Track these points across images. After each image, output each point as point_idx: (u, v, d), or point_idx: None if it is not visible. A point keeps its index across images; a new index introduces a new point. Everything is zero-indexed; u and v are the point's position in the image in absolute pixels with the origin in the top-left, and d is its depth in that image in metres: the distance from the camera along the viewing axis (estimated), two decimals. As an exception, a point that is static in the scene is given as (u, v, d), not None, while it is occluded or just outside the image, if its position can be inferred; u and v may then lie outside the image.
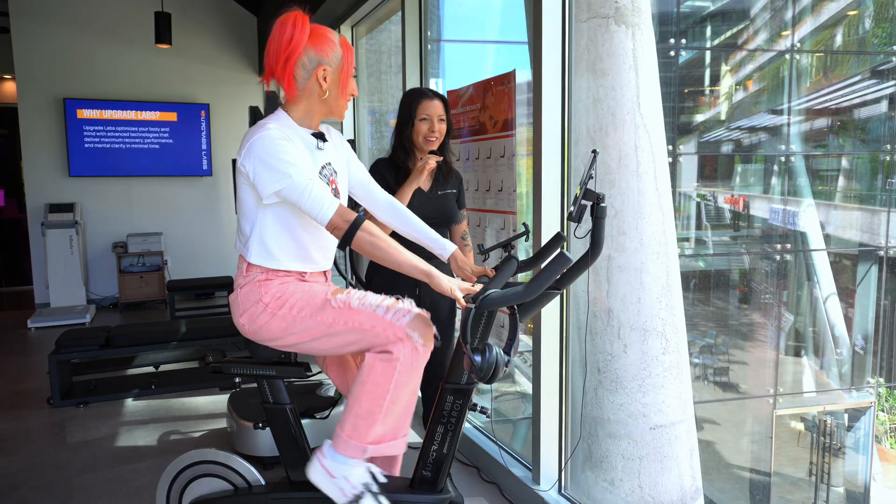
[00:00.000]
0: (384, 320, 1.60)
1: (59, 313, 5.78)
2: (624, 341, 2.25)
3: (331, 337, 1.65)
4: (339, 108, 1.72)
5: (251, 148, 1.59)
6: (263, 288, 1.68)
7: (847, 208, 8.75)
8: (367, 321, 1.61)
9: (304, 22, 1.63)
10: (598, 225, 1.52)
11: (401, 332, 1.59)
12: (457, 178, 2.46)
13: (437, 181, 2.38)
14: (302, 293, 1.68)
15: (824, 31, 8.99)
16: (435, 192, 2.36)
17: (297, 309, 1.66)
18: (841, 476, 7.74)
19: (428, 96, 2.32)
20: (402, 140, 2.33)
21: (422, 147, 2.32)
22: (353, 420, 1.64)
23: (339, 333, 1.63)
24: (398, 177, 2.31)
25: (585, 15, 2.25)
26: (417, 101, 2.31)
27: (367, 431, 1.63)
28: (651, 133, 2.25)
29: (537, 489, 2.39)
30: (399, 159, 2.34)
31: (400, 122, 2.35)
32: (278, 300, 1.67)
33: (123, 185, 6.64)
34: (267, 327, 1.69)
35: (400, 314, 1.61)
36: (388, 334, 1.59)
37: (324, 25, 1.70)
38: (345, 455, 1.64)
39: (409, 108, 2.32)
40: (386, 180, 2.30)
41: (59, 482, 2.76)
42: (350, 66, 1.69)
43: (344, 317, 1.62)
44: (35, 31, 6.14)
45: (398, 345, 1.59)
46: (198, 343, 4.03)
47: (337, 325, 1.63)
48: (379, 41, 5.09)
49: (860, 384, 8.29)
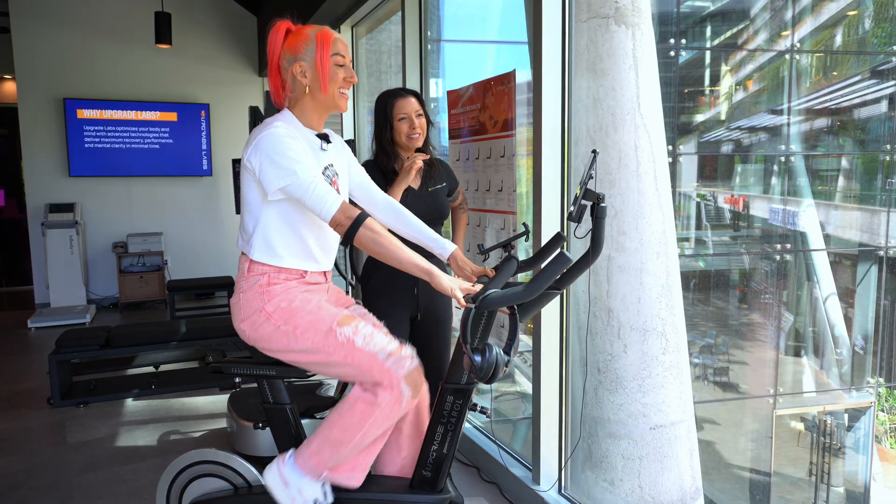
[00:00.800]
0: (382, 366, 1.62)
1: (59, 313, 5.78)
2: (624, 341, 2.25)
3: (327, 366, 1.68)
4: (330, 99, 1.70)
5: (258, 144, 1.60)
6: (267, 295, 1.68)
7: (847, 208, 8.76)
8: (367, 362, 1.63)
9: (279, 27, 1.68)
10: (598, 225, 1.52)
11: (395, 382, 1.61)
12: (443, 168, 2.44)
13: (425, 178, 2.37)
14: (309, 315, 1.67)
15: (824, 31, 8.99)
16: (425, 189, 2.36)
17: (301, 330, 1.66)
18: (841, 476, 7.75)
19: (402, 95, 2.31)
20: (382, 144, 2.32)
21: (406, 146, 2.31)
22: (319, 443, 1.69)
23: (335, 364, 1.66)
24: (385, 180, 2.28)
25: (585, 15, 2.25)
26: (392, 103, 2.30)
27: (330, 458, 1.69)
28: (651, 133, 2.25)
29: (537, 489, 2.39)
30: (382, 163, 2.32)
31: (378, 126, 2.33)
32: (283, 312, 1.67)
33: (123, 185, 6.64)
34: (268, 338, 1.70)
35: (399, 364, 1.63)
36: (382, 379, 1.62)
37: (323, 25, 1.71)
38: (302, 471, 1.70)
39: (385, 110, 2.30)
40: (377, 183, 2.29)
41: (59, 482, 2.76)
42: (326, 55, 1.66)
43: (345, 351, 1.64)
44: (35, 31, 6.14)
45: (386, 391, 1.62)
46: (198, 343, 4.03)
47: (336, 356, 1.64)
48: (379, 41, 5.09)
49: (860, 384, 8.30)
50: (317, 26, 1.70)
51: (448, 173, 2.47)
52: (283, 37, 1.69)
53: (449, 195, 2.44)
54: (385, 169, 2.32)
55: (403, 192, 2.26)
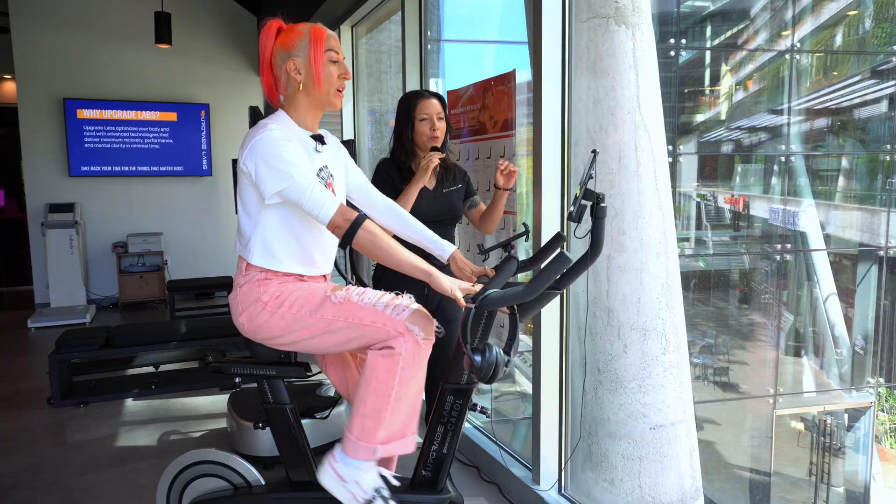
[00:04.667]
0: (384, 315, 1.60)
1: (59, 313, 5.78)
2: (624, 341, 2.25)
3: (331, 334, 1.64)
4: (324, 96, 1.69)
5: (253, 148, 1.59)
6: (262, 287, 1.68)
7: (847, 208, 8.76)
8: (367, 317, 1.61)
9: (270, 26, 1.68)
10: (598, 225, 1.52)
11: (401, 326, 1.59)
12: (460, 173, 2.46)
13: (441, 179, 2.38)
14: (301, 291, 1.68)
15: (824, 31, 8.99)
16: (440, 190, 2.37)
17: (297, 307, 1.65)
18: (841, 476, 7.75)
19: (425, 96, 2.34)
20: (402, 142, 2.35)
21: (424, 147, 2.34)
22: (360, 420, 1.62)
23: (339, 330, 1.63)
24: (402, 178, 2.32)
25: (585, 15, 2.25)
26: (415, 102, 2.33)
27: (376, 431, 1.62)
28: (651, 133, 2.25)
29: (537, 489, 2.39)
30: (400, 161, 2.35)
31: (399, 124, 2.36)
32: (277, 298, 1.67)
33: (123, 185, 6.64)
34: (266, 326, 1.68)
35: (399, 309, 1.61)
36: (389, 329, 1.59)
37: (321, 25, 1.71)
38: (355, 458, 1.63)
39: (408, 109, 2.33)
40: (392, 181, 2.31)
41: (59, 482, 2.76)
42: (320, 52, 1.65)
43: (344, 313, 1.62)
44: (35, 31, 6.14)
45: (399, 339, 1.59)
46: (198, 343, 4.03)
47: (337, 321, 1.63)
48: (379, 41, 5.09)
49: (860, 384, 8.30)
50: (309, 24, 1.70)
51: (464, 177, 2.48)
52: (275, 35, 1.68)
53: (466, 199, 2.45)
54: (402, 167, 2.34)
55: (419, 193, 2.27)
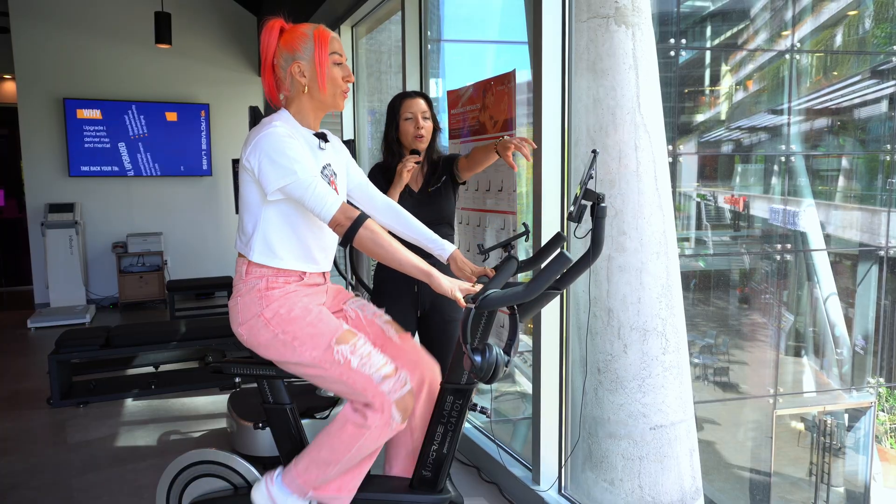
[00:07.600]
0: (376, 388, 1.62)
1: (58, 313, 5.78)
2: (624, 341, 2.25)
3: (321, 378, 1.68)
4: (328, 99, 1.70)
5: (258, 144, 1.59)
6: (265, 300, 1.67)
7: (847, 208, 8.75)
8: (361, 383, 1.63)
9: (272, 26, 1.67)
10: (598, 225, 1.52)
11: (387, 406, 1.62)
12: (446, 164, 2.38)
13: (427, 180, 2.37)
14: (308, 327, 1.66)
15: (824, 31, 8.99)
16: (425, 191, 2.36)
17: (299, 342, 1.65)
18: (841, 476, 7.74)
19: (410, 96, 2.34)
20: (388, 143, 2.35)
21: (410, 146, 2.33)
22: (307, 463, 1.70)
23: (330, 379, 1.66)
24: (388, 181, 2.30)
25: (585, 15, 2.25)
26: (400, 102, 2.33)
27: (317, 478, 1.69)
28: (651, 133, 2.25)
29: (537, 489, 2.39)
30: (388, 163, 2.35)
31: (386, 125, 2.36)
32: (281, 320, 1.66)
33: (123, 185, 6.64)
34: (266, 346, 1.69)
35: (396, 386, 1.63)
36: (374, 401, 1.62)
37: (318, 24, 1.71)
38: (289, 490, 1.71)
39: (393, 109, 2.34)
40: (380, 184, 2.30)
41: (59, 482, 2.76)
42: (324, 55, 1.65)
43: (340, 370, 1.64)
44: (35, 31, 6.14)
45: (377, 414, 1.62)
46: (198, 343, 4.03)
47: (331, 372, 1.64)
48: (379, 41, 5.08)
49: (860, 384, 8.29)
50: (312, 25, 1.69)
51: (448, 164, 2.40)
52: (278, 35, 1.67)
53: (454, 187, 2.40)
54: (389, 168, 2.33)
55: (403, 195, 2.27)
